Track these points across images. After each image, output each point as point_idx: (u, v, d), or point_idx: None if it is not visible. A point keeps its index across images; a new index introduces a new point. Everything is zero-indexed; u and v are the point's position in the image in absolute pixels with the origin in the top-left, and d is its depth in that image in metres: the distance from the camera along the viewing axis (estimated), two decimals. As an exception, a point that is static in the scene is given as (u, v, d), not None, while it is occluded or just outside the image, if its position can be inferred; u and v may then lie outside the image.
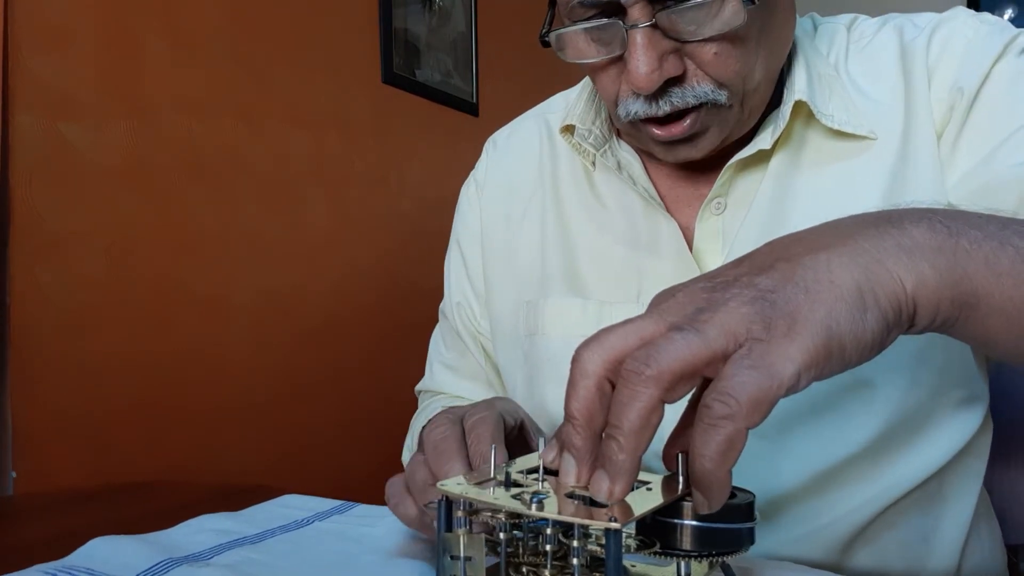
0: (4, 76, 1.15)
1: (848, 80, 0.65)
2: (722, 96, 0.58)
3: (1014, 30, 0.63)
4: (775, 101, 0.65)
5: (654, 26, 0.55)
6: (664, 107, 0.58)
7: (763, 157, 0.64)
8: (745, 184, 0.65)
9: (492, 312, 0.79)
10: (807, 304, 0.36)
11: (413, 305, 0.96)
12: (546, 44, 0.62)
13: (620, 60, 0.58)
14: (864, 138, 0.63)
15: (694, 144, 0.61)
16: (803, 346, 0.35)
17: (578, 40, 0.60)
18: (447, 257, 0.87)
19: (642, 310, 0.64)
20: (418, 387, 0.91)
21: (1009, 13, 3.06)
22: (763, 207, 0.63)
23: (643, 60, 0.55)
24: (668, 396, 0.36)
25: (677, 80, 0.57)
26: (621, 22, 0.56)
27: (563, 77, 1.19)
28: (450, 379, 0.85)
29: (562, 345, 0.69)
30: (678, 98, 0.58)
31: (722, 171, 0.64)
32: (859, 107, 0.63)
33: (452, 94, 2.22)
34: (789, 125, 0.63)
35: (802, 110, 0.63)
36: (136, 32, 1.38)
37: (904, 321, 0.38)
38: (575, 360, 0.39)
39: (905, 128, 0.62)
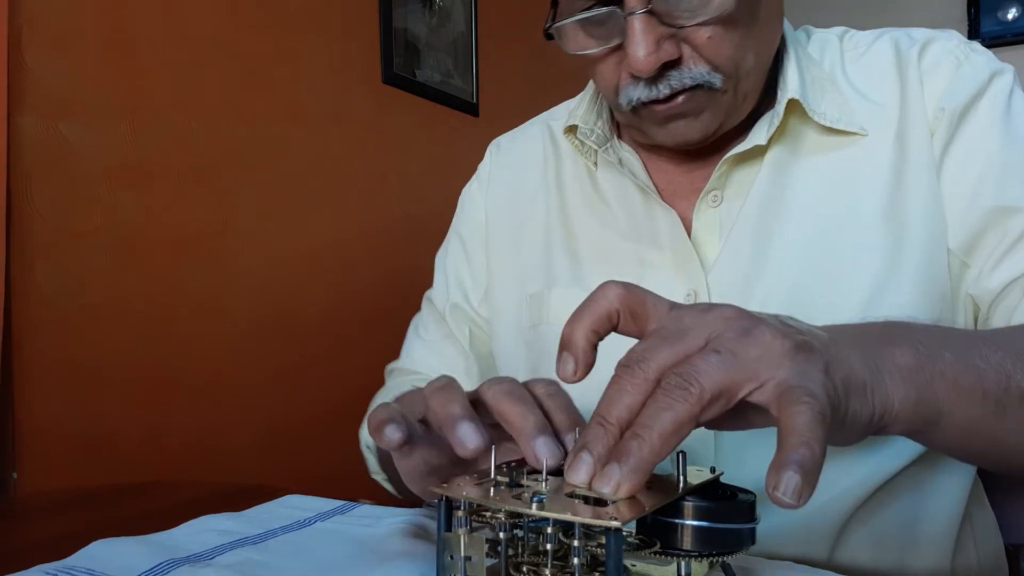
0: (5, 76, 1.15)
1: (846, 83, 0.68)
2: (716, 79, 0.61)
3: (999, 64, 0.67)
4: (769, 102, 0.68)
5: (650, 12, 0.58)
6: (663, 90, 0.61)
7: (758, 152, 0.67)
8: (741, 177, 0.68)
9: (494, 306, 0.82)
10: (835, 361, 0.41)
11: (414, 305, 0.97)
12: (549, 37, 0.65)
13: (619, 50, 0.62)
14: (855, 134, 0.66)
15: (691, 123, 0.64)
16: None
17: (579, 33, 0.63)
18: (444, 250, 0.89)
19: None
20: (390, 366, 0.91)
21: (1013, 13, 3.06)
22: (759, 199, 0.67)
23: (641, 44, 0.58)
24: (703, 415, 0.38)
25: (674, 64, 0.61)
26: (619, 10, 0.59)
27: (563, 77, 1.19)
28: (431, 361, 0.85)
29: None
30: (676, 80, 0.61)
31: (718, 164, 0.67)
32: (853, 107, 0.67)
33: (452, 94, 2.22)
34: (784, 122, 0.66)
35: (796, 108, 0.66)
36: (136, 32, 1.38)
37: (879, 427, 0.43)
38: (625, 367, 0.40)
39: (900, 126, 0.66)
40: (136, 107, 1.37)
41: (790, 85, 0.66)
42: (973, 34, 3.11)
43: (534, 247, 0.78)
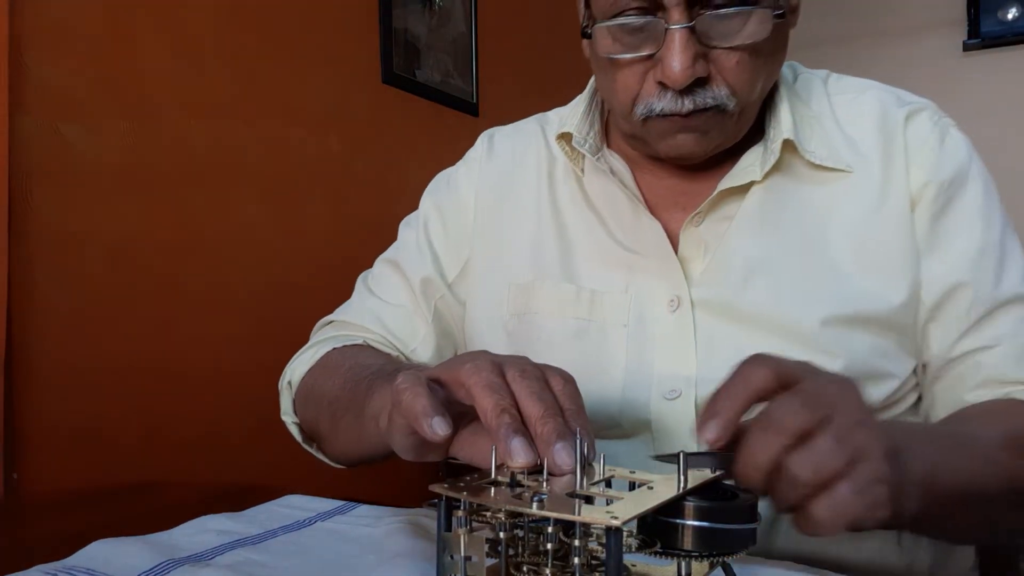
0: (5, 76, 1.15)
1: (834, 125, 0.73)
2: (732, 103, 0.65)
3: (969, 143, 0.74)
4: (757, 135, 0.73)
5: (692, 29, 0.62)
6: (687, 104, 0.65)
7: (749, 184, 0.72)
8: (726, 204, 0.72)
9: (471, 291, 0.83)
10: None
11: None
12: (587, 36, 0.70)
13: (648, 59, 0.65)
14: (842, 171, 0.71)
15: (699, 140, 0.68)
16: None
17: (609, 38, 0.66)
18: (417, 220, 0.89)
19: (630, 301, 0.72)
20: (328, 318, 0.90)
21: (1013, 12, 3.06)
22: (744, 225, 0.71)
23: (680, 58, 0.62)
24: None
25: (701, 81, 0.64)
26: (662, 21, 0.63)
27: (563, 77, 1.19)
28: (394, 324, 0.84)
29: (557, 325, 0.75)
30: (700, 97, 0.65)
31: (713, 194, 0.71)
32: (839, 147, 0.72)
33: (452, 94, 2.22)
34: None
35: (787, 146, 0.70)
36: (136, 32, 1.38)
37: (891, 521, 0.47)
38: (766, 426, 0.44)
39: (883, 177, 0.71)
40: (136, 107, 1.37)
41: (784, 124, 0.70)
42: (973, 34, 3.11)
43: (522, 239, 0.80)
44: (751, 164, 0.71)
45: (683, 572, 0.41)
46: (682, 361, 0.70)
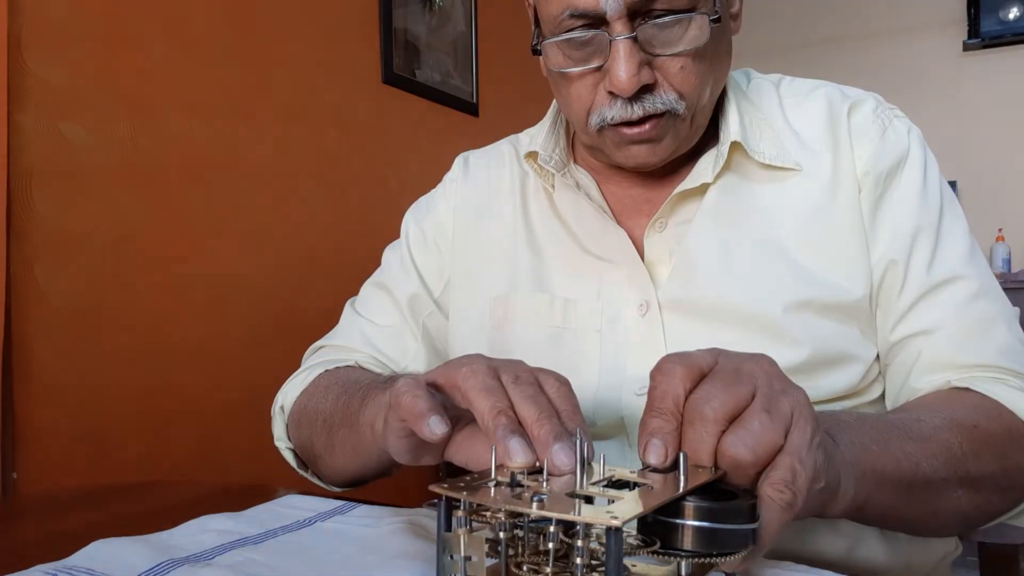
0: (5, 76, 1.15)
1: (784, 126, 0.76)
2: (681, 107, 0.68)
3: (910, 124, 0.76)
4: (711, 139, 0.76)
5: (634, 39, 0.65)
6: (637, 111, 0.68)
7: (704, 186, 0.74)
8: (686, 207, 0.75)
9: (454, 306, 0.85)
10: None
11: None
12: (537, 53, 0.72)
13: (597, 71, 0.68)
14: (791, 169, 0.73)
15: (652, 149, 0.71)
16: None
17: (559, 53, 0.69)
18: (400, 244, 0.92)
19: (602, 307, 0.75)
20: (318, 343, 0.91)
21: (1014, 12, 3.06)
22: (702, 226, 0.74)
23: (624, 66, 0.65)
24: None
25: (648, 88, 0.67)
26: (605, 33, 0.66)
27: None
28: (385, 345, 0.86)
29: (534, 334, 0.78)
30: (649, 104, 0.67)
31: (668, 198, 0.74)
32: (788, 146, 0.74)
33: (452, 94, 2.22)
34: (727, 160, 0.74)
35: (737, 148, 0.73)
36: (136, 32, 1.38)
37: (830, 503, 0.51)
38: (699, 414, 0.45)
39: (833, 170, 0.73)
40: (136, 107, 1.37)
41: (732, 128, 0.73)
42: (973, 34, 3.11)
43: (498, 253, 0.83)
44: (705, 168, 0.74)
45: (683, 572, 0.41)
46: (653, 361, 0.70)
